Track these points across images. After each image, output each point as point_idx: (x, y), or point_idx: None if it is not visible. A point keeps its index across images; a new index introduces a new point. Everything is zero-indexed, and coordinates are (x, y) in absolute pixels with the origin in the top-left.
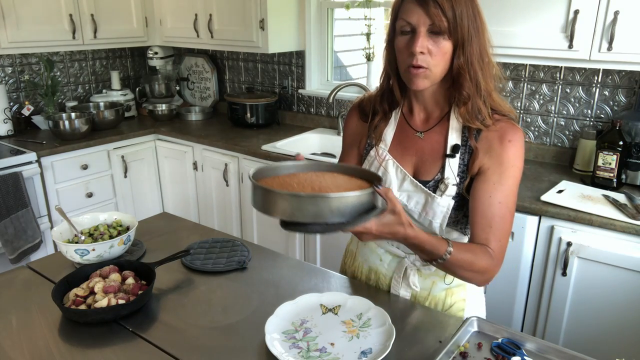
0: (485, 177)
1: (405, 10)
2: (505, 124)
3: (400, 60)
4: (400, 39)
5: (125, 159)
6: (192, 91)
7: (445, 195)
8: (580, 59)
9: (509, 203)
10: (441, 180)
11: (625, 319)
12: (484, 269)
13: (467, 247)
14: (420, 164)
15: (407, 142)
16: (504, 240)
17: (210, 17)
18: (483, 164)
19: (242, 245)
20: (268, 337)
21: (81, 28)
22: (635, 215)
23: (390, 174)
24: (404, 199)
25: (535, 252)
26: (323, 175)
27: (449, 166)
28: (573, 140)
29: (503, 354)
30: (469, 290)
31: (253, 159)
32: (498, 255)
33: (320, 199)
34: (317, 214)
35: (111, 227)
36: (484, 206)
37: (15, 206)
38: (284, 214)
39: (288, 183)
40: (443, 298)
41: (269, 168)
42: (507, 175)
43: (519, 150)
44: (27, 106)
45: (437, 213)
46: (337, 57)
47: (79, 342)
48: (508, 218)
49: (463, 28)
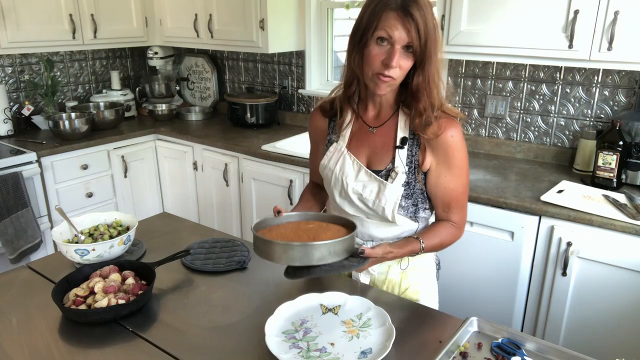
0: (437, 172)
1: (387, 23)
2: (444, 121)
3: (369, 65)
4: (375, 47)
5: (125, 159)
6: (192, 91)
7: (396, 183)
8: (580, 59)
9: (461, 184)
10: (392, 169)
11: (625, 319)
12: (451, 241)
13: (434, 232)
14: (372, 155)
15: (361, 137)
16: (463, 212)
17: (210, 17)
18: (432, 161)
19: (242, 245)
20: (268, 337)
21: (81, 28)
22: (635, 215)
23: (347, 167)
24: (359, 188)
25: (535, 252)
26: (307, 224)
27: (399, 156)
28: (573, 140)
29: (503, 354)
30: (421, 275)
31: (253, 159)
32: (460, 224)
33: (320, 245)
34: (318, 258)
35: (111, 227)
36: (441, 194)
37: (15, 206)
38: (296, 260)
39: (286, 234)
40: (399, 281)
41: (262, 221)
42: (454, 165)
43: (460, 142)
44: (27, 106)
45: (388, 200)
46: (337, 57)
47: (79, 342)
48: (462, 196)
49: (427, 51)
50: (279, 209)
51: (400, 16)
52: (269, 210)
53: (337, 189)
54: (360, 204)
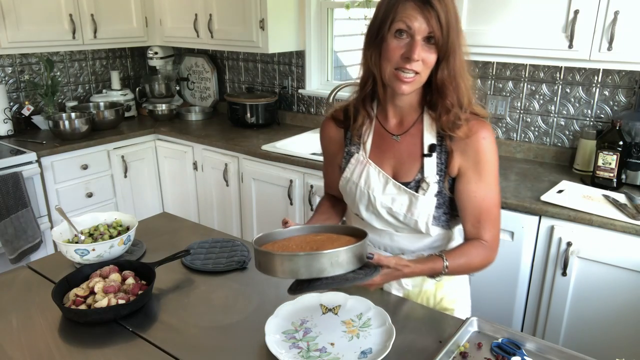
0: (466, 178)
1: (405, 13)
2: (474, 122)
3: (388, 60)
4: (394, 41)
5: (125, 159)
6: (192, 91)
7: (428, 194)
8: (580, 59)
9: (492, 195)
10: (422, 180)
11: (625, 319)
12: (480, 264)
13: (461, 251)
14: (399, 166)
15: (384, 146)
16: (495, 228)
17: (210, 17)
18: (461, 165)
19: (242, 245)
20: (268, 337)
21: (81, 28)
22: (635, 215)
23: (373, 179)
24: (388, 201)
25: (535, 252)
26: (315, 236)
27: (428, 165)
28: (573, 140)
29: (503, 354)
30: (457, 283)
31: (253, 159)
32: (492, 243)
33: (320, 255)
34: (320, 270)
35: (111, 227)
36: (470, 205)
37: (15, 206)
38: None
39: (288, 246)
40: (433, 292)
41: (267, 235)
42: (486, 172)
43: (492, 145)
44: (27, 106)
45: (421, 213)
46: (337, 57)
47: (79, 342)
48: (494, 209)
49: (451, 42)
50: (286, 220)
51: (418, 5)
52: (269, 210)
53: (363, 204)
54: (389, 217)
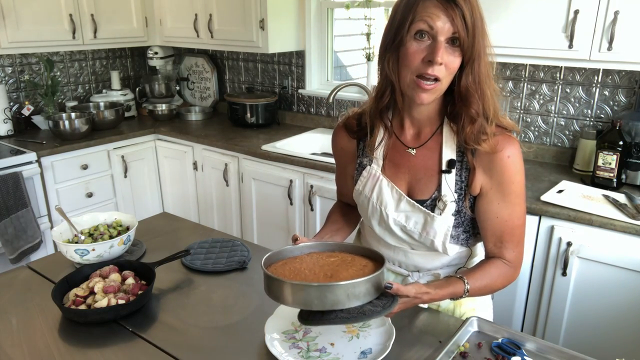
0: (488, 198)
1: (427, 12)
2: (500, 137)
3: (407, 66)
4: (414, 44)
5: (125, 159)
6: (192, 91)
7: (445, 214)
8: (580, 58)
9: (517, 216)
10: (439, 198)
11: (625, 319)
12: (502, 284)
13: (482, 272)
14: (414, 182)
15: (398, 160)
16: (518, 248)
17: (210, 17)
18: (484, 184)
19: (242, 245)
20: (268, 337)
21: (81, 28)
22: (635, 215)
23: (385, 195)
24: (401, 219)
25: (535, 252)
26: (329, 257)
27: (446, 183)
28: (573, 140)
29: (503, 354)
30: (477, 300)
31: (253, 159)
32: (515, 263)
33: (336, 287)
34: (335, 302)
35: (111, 227)
36: (493, 226)
37: (15, 206)
38: (311, 304)
39: (300, 270)
40: (452, 310)
41: (277, 253)
42: (510, 192)
43: (518, 164)
44: (27, 106)
45: (437, 232)
46: (337, 57)
47: (79, 342)
48: (518, 229)
49: (476, 44)
50: (296, 237)
51: (441, 3)
52: (269, 210)
53: (375, 219)
54: (403, 235)
